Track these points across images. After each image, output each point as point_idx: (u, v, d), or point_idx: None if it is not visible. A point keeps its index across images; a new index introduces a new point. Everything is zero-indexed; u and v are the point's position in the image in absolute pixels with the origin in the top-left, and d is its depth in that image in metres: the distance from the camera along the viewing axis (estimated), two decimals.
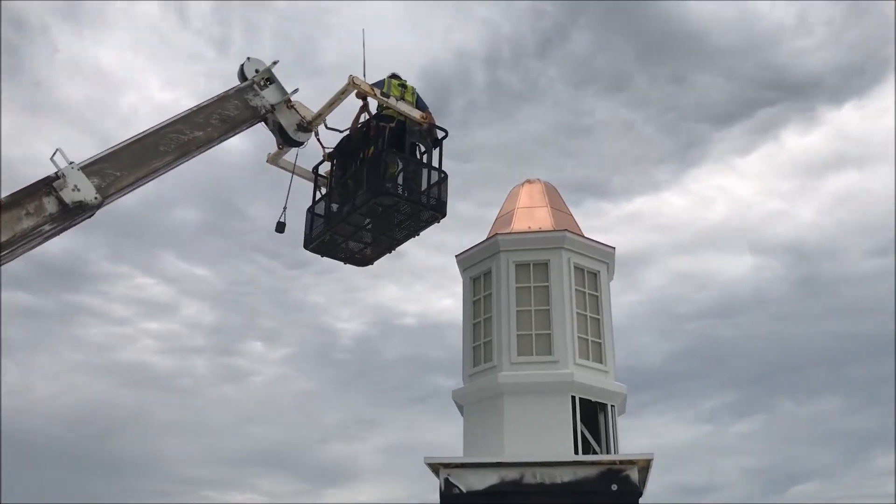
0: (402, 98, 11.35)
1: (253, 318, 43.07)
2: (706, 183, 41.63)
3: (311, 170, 12.12)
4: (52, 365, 41.19)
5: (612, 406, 13.82)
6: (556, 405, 13.23)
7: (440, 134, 11.48)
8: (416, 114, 11.20)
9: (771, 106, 40.85)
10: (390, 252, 12.05)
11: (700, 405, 42.10)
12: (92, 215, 9.33)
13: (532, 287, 14.21)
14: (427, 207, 11.13)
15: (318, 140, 11.57)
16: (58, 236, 9.39)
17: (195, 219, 40.56)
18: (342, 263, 12.25)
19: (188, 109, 10.27)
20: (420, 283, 42.75)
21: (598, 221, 41.06)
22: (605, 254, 14.84)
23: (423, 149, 11.61)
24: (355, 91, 11.07)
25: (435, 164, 11.39)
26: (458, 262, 15.34)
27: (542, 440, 12.97)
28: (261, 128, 11.31)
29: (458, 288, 15.27)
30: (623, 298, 42.11)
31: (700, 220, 41.46)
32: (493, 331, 14.14)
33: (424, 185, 11.23)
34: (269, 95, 10.92)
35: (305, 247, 11.90)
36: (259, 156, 12.19)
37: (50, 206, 8.84)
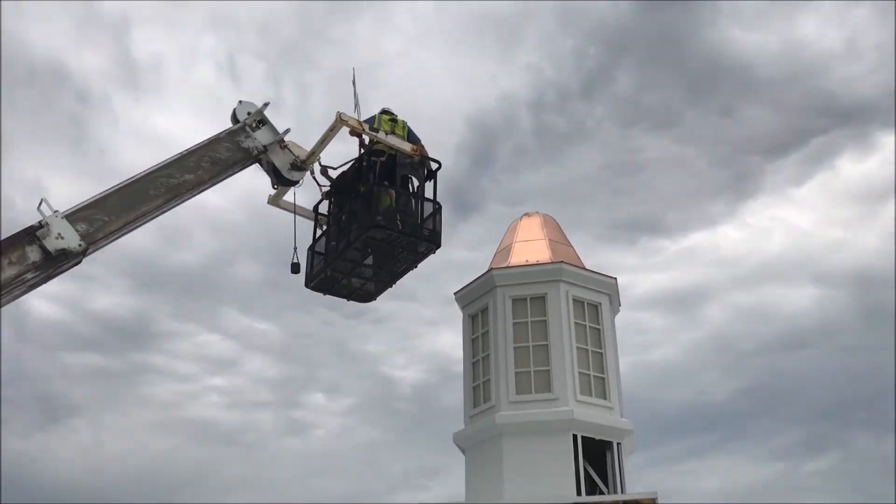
0: (393, 132, 11.37)
1: (314, 370, 43.27)
2: (762, 215, 40.87)
3: (311, 209, 12.03)
4: (122, 423, 42.02)
5: (618, 444, 13.18)
6: (556, 445, 12.66)
7: (434, 166, 11.48)
8: (407, 146, 11.22)
9: (824, 134, 39.97)
10: (391, 286, 11.94)
11: (771, 443, 40.55)
12: (79, 262, 9.16)
13: (529, 322, 13.74)
14: (421, 238, 11.04)
15: (315, 179, 11.50)
16: (51, 282, 9.24)
17: (255, 274, 40.69)
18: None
19: (178, 153, 10.19)
20: None
21: (656, 258, 40.61)
22: (607, 285, 14.33)
23: (416, 182, 11.49)
24: (349, 129, 11.05)
25: (430, 196, 11.29)
26: (457, 300, 14.95)
27: (543, 482, 12.38)
28: (309, 187, 11.43)
29: None
30: (684, 336, 41.53)
31: (758, 253, 40.61)
32: (492, 369, 13.66)
33: (422, 218, 11.12)
34: (262, 137, 10.84)
35: (307, 285, 11.80)
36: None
37: (33, 254, 8.72)
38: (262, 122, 10.91)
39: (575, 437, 12.72)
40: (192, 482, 40.54)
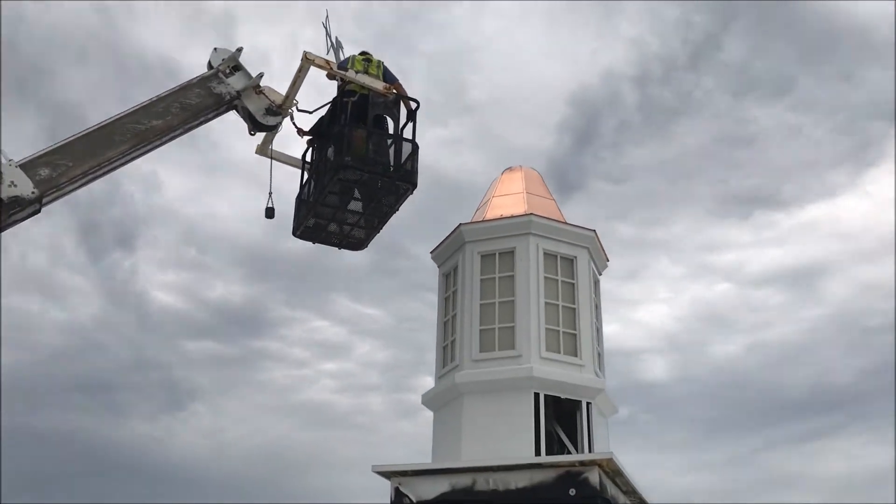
0: (366, 72, 11.12)
1: (423, 354, 43.40)
2: (886, 184, 38.54)
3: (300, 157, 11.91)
4: (241, 409, 43.88)
5: (587, 403, 12.41)
6: (516, 404, 12.01)
7: (413, 105, 11.28)
8: (379, 85, 11.00)
9: None
10: (379, 231, 11.79)
11: None
12: (37, 210, 9.18)
13: (497, 278, 13.09)
14: (394, 178, 10.81)
15: (294, 124, 11.35)
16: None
17: (364, 261, 41.65)
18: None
19: (147, 100, 10.13)
20: None
21: (771, 233, 38.96)
22: (583, 237, 13.50)
23: (391, 121, 11.26)
24: (327, 72, 10.99)
25: (411, 137, 11.09)
26: (433, 259, 14.43)
27: (501, 442, 11.77)
28: (427, 181, 11.37)
29: (626, 312, 14.31)
30: (804, 313, 39.86)
31: (883, 225, 38.29)
32: (457, 328, 13.10)
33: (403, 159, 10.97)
34: (235, 82, 10.76)
35: (294, 234, 11.77)
36: (423, 204, 12.48)
37: None
38: (237, 67, 10.82)
39: (537, 395, 12.04)
40: (309, 463, 42.09)
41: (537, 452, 11.65)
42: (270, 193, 11.26)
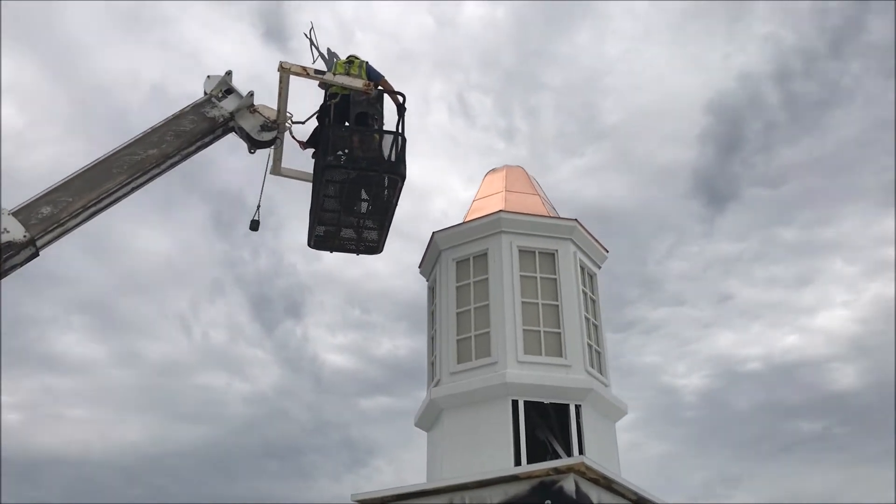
0: (348, 73, 11.12)
1: None
2: None
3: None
4: (421, 460, 44.50)
5: (577, 406, 11.38)
6: (493, 414, 11.16)
7: (399, 98, 11.18)
8: (358, 83, 10.97)
9: None
10: (387, 230, 11.60)
11: None
12: (35, 254, 9.46)
13: (472, 283, 12.35)
14: (380, 171, 10.73)
15: (294, 137, 11.43)
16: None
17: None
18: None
19: (142, 132, 10.41)
20: (756, 324, 40.72)
21: None
22: (563, 229, 12.56)
23: (376, 118, 11.15)
24: (304, 77, 10.91)
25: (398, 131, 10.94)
26: (421, 274, 13.86)
27: (480, 456, 10.94)
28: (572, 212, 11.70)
29: (805, 321, 13.60)
30: None
31: None
32: (437, 340, 12.41)
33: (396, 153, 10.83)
34: (227, 104, 10.98)
35: (308, 246, 11.81)
36: None
37: None
38: (230, 90, 11.03)
39: (515, 402, 11.14)
40: None
41: (517, 463, 10.72)
42: (258, 207, 11.37)
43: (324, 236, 11.67)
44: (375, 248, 11.83)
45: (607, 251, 13.39)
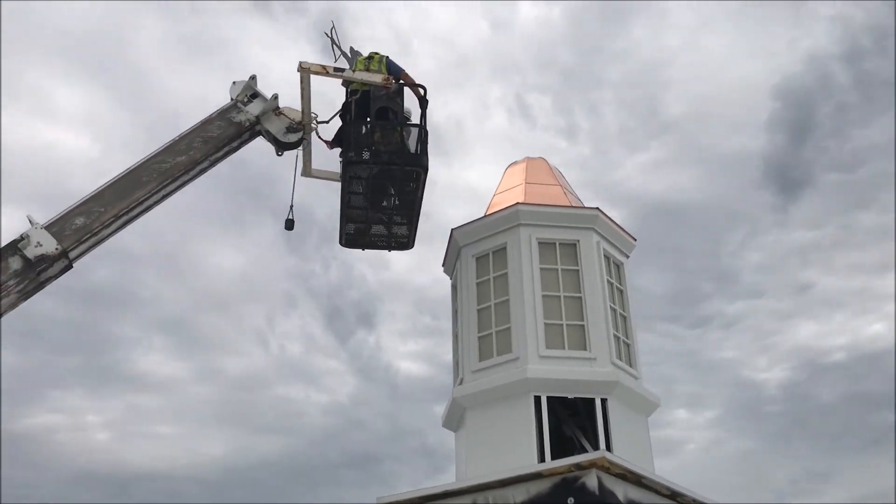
0: (367, 69, 11.17)
1: (670, 386, 42.26)
2: None
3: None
4: None
5: (603, 400, 10.98)
6: (515, 411, 10.85)
7: (420, 91, 11.19)
8: (377, 78, 11.01)
9: None
10: (416, 225, 11.71)
11: None
12: (68, 266, 9.70)
13: (492, 279, 12.07)
14: (402, 164, 10.81)
15: (320, 137, 11.55)
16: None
17: None
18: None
19: (170, 140, 10.65)
20: (839, 313, 39.93)
21: None
22: (584, 218, 12.18)
23: (397, 112, 11.21)
24: (323, 75, 10.96)
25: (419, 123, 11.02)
26: (445, 272, 13.63)
27: (503, 455, 10.63)
28: (640, 209, 11.78)
29: (890, 308, 13.42)
30: None
31: None
32: (460, 339, 12.17)
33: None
34: (253, 108, 11.15)
35: (340, 244, 11.96)
36: (641, 232, 12.79)
37: (14, 264, 9.45)
38: (255, 95, 11.21)
39: (538, 398, 10.81)
40: None
41: (541, 461, 10.39)
42: (291, 206, 11.47)
43: (354, 234, 11.78)
44: (406, 243, 11.88)
45: (635, 239, 12.96)
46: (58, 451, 37.60)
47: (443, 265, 13.52)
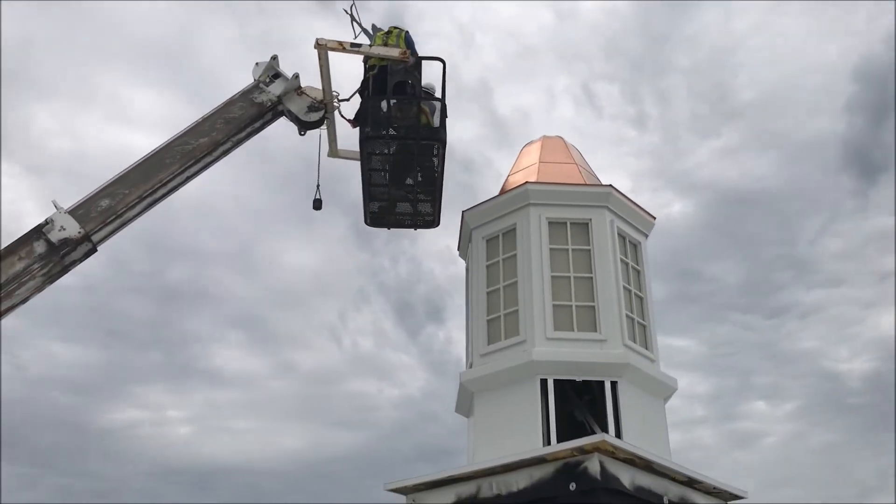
0: (386, 44, 11.07)
1: (747, 378, 41.40)
2: None
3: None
4: None
5: (613, 382, 10.60)
6: (522, 394, 10.56)
7: (439, 65, 10.97)
8: (394, 52, 10.89)
9: None
10: (439, 201, 11.60)
11: None
12: (92, 249, 9.84)
13: (501, 261, 11.78)
14: (419, 137, 10.74)
15: (343, 116, 11.44)
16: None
17: (661, 291, 41.21)
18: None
19: (193, 122, 10.75)
20: None
21: None
22: (597, 196, 11.78)
23: (415, 86, 11.04)
24: (341, 51, 10.72)
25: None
26: (460, 256, 13.40)
27: (510, 439, 10.37)
28: (712, 196, 11.47)
29: None
30: None
31: None
32: (470, 323, 11.92)
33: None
34: (275, 88, 11.17)
35: (366, 223, 11.96)
36: (714, 220, 12.03)
37: (39, 248, 9.64)
38: (277, 75, 11.24)
39: (544, 381, 10.51)
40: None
41: (547, 445, 10.09)
42: (318, 186, 11.43)
43: (378, 212, 11.69)
44: (432, 221, 11.75)
45: (654, 218, 12.50)
46: (140, 446, 38.60)
47: (458, 249, 13.29)
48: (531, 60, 38.17)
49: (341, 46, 10.72)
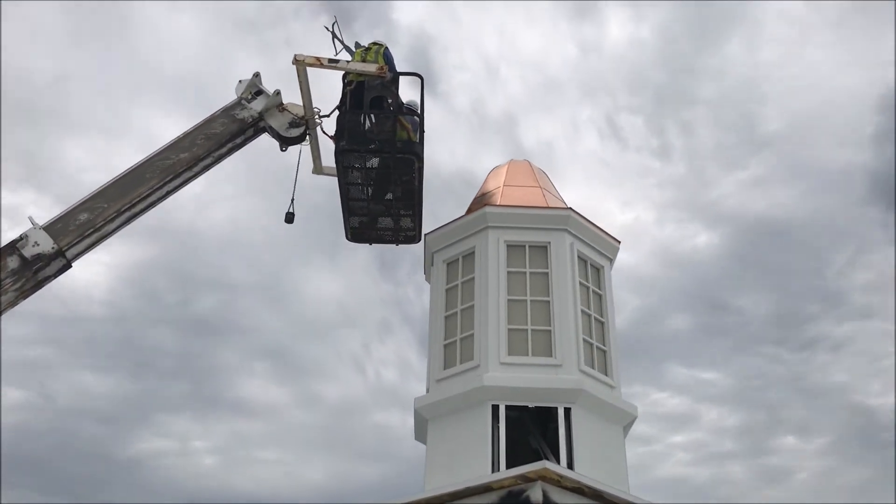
0: (364, 59, 11.15)
1: (777, 412, 40.61)
2: None
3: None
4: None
5: (567, 409, 10.37)
6: (473, 421, 10.36)
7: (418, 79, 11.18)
8: (371, 67, 10.96)
9: None
10: (420, 216, 11.63)
11: None
12: (66, 265, 9.80)
13: (460, 284, 11.64)
14: (394, 152, 10.76)
15: (324, 132, 11.39)
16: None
17: (687, 323, 40.38)
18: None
19: (175, 138, 10.82)
20: None
21: None
22: (555, 219, 11.64)
23: (391, 101, 11.03)
24: (319, 67, 10.89)
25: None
26: (426, 281, 13.25)
27: (460, 468, 10.14)
28: (739, 227, 11.38)
29: None
30: None
31: None
32: (429, 347, 11.75)
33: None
34: (257, 105, 11.24)
35: (347, 238, 11.96)
36: (743, 250, 11.93)
37: (12, 263, 9.63)
38: (259, 92, 11.33)
39: (496, 407, 10.30)
40: None
41: (495, 471, 9.85)
42: (293, 200, 11.42)
43: (359, 228, 11.68)
44: (413, 236, 11.75)
45: (618, 241, 12.31)
46: (166, 476, 38.34)
47: (424, 273, 13.16)
48: (556, 93, 38.37)
49: (319, 62, 10.81)
